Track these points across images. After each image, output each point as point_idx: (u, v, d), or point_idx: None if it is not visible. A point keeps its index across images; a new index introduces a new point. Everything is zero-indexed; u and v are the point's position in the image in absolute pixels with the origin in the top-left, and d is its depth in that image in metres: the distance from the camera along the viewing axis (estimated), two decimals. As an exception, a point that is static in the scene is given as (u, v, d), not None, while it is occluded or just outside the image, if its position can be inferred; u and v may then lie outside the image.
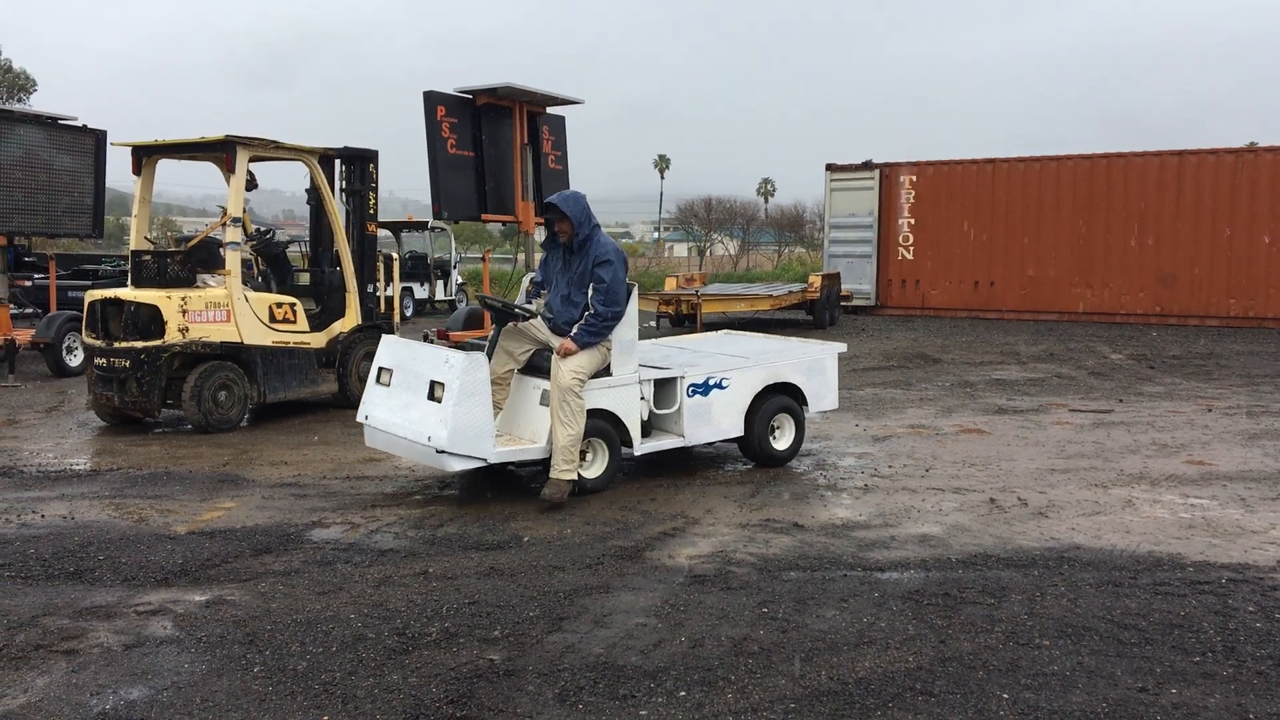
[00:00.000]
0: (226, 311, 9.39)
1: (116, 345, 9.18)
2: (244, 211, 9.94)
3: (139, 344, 9.07)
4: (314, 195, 10.92)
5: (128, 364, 9.09)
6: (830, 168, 24.10)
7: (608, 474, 6.92)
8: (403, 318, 19.46)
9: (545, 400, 6.62)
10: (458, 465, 6.37)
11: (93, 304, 9.51)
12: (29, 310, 16.29)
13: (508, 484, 7.25)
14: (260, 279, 11.23)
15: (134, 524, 6.31)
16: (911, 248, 23.19)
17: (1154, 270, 20.67)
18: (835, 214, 24.15)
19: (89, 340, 9.53)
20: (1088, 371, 13.49)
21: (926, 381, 12.65)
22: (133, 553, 5.67)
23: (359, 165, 11.03)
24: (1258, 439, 8.79)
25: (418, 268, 23.89)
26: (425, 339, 8.01)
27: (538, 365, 6.82)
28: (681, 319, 18.66)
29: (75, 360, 13.28)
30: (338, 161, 11.04)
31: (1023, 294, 21.92)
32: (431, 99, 12.44)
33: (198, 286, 9.54)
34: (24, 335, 13.49)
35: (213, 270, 9.73)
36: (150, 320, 9.12)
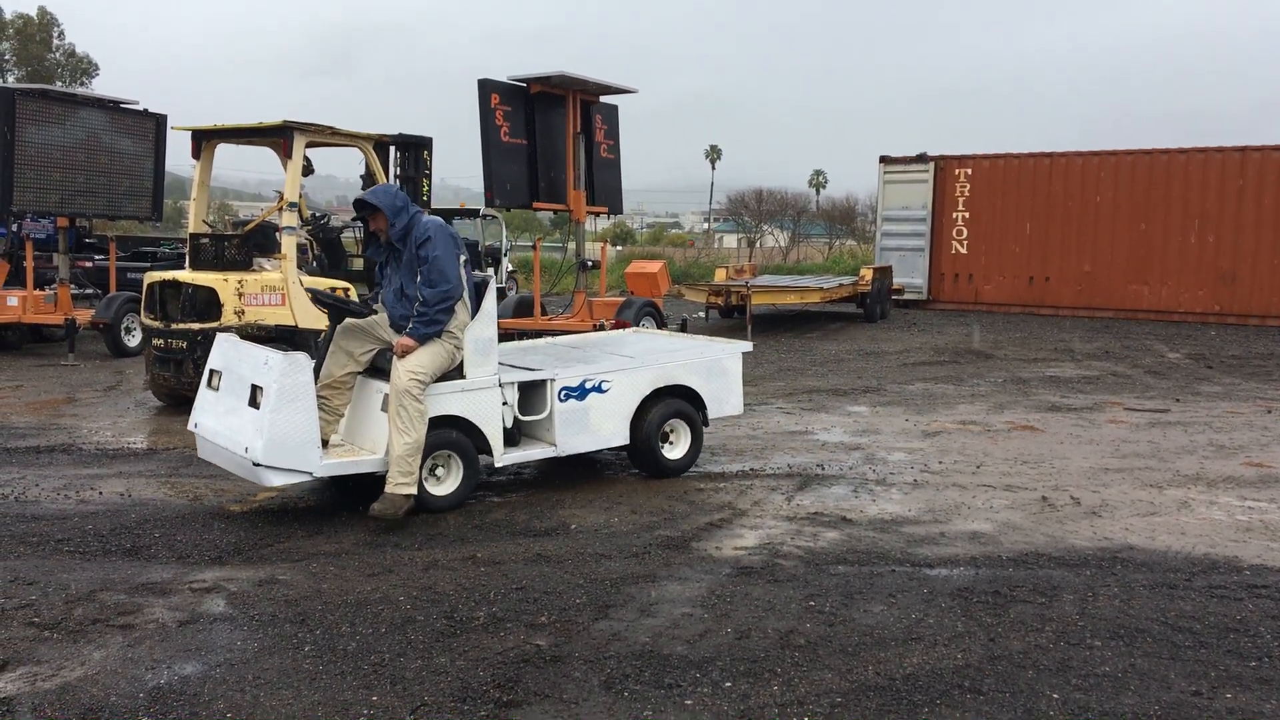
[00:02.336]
0: (282, 295, 9.51)
1: (174, 327, 9.33)
2: (300, 197, 10.05)
3: (196, 326, 9.21)
4: (369, 181, 11.01)
5: (185, 345, 9.24)
6: (884, 160, 23.87)
7: (462, 490, 6.22)
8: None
9: (387, 405, 5.96)
10: (278, 480, 5.71)
11: (151, 285, 9.68)
12: (89, 291, 16.60)
13: (533, 474, 7.28)
14: (315, 263, 11.36)
15: (189, 502, 6.42)
16: (965, 242, 22.93)
17: (1214, 268, 20.27)
18: (888, 206, 23.93)
19: (147, 321, 9.70)
20: (1144, 370, 13.27)
21: (978, 377, 12.52)
22: (188, 531, 5.77)
23: (413, 152, 11.12)
24: (1319, 442, 8.60)
25: (469, 255, 24.01)
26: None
27: (382, 367, 6.16)
28: (731, 310, 18.59)
29: (133, 341, 13.51)
30: (393, 148, 11.14)
31: (1078, 290, 21.59)
32: (485, 87, 12.49)
33: (254, 270, 9.67)
34: (84, 315, 13.76)
35: (269, 254, 9.85)
36: (207, 302, 9.27)
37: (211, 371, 6.32)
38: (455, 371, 6.23)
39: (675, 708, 3.67)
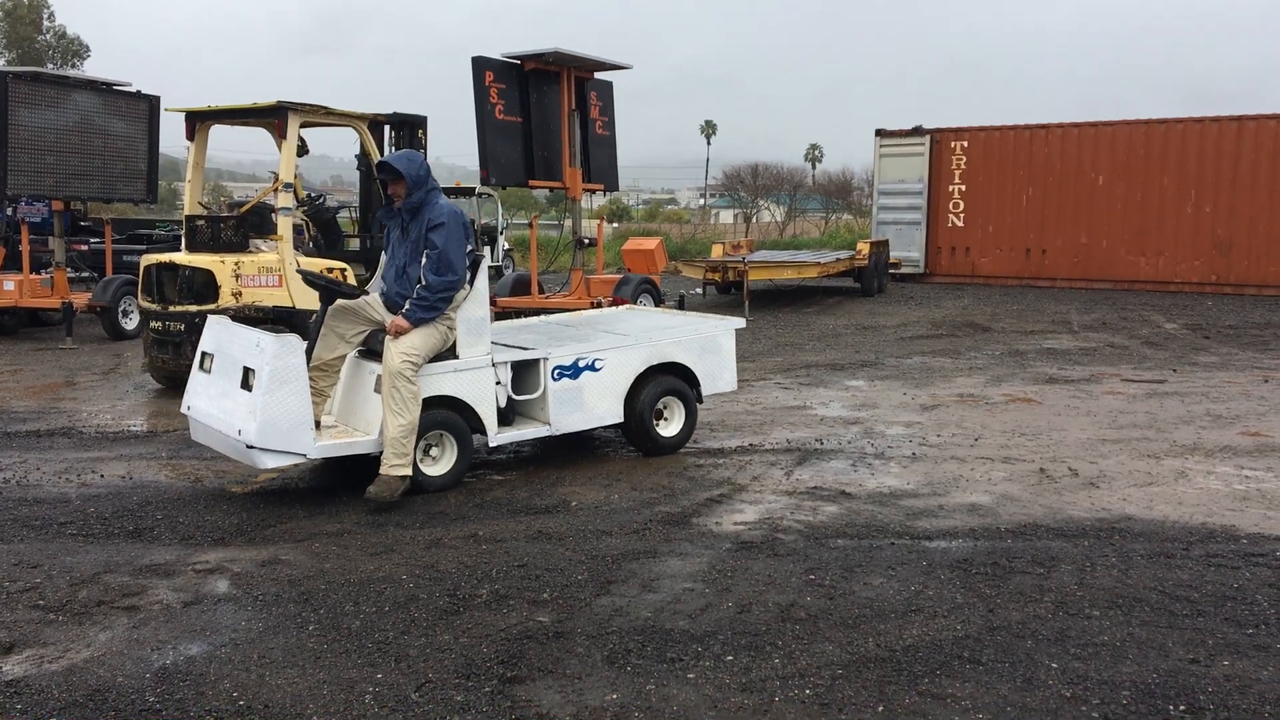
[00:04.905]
0: (279, 276, 9.50)
1: (171, 309, 9.33)
2: (295, 177, 10.02)
3: (193, 308, 9.21)
4: (364, 161, 10.99)
5: (183, 327, 9.24)
6: (880, 133, 23.82)
7: (457, 470, 6.24)
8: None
9: (380, 387, 5.94)
10: (271, 462, 5.72)
11: (148, 268, 9.67)
12: (85, 274, 16.58)
13: (534, 452, 7.31)
14: (311, 244, 11.34)
15: (191, 484, 6.44)
16: (962, 215, 22.91)
17: (1210, 238, 20.27)
18: (884, 180, 23.89)
19: (144, 304, 9.70)
20: (1141, 341, 13.30)
21: (976, 350, 12.54)
22: (190, 512, 5.79)
23: (408, 130, 11.08)
24: (1316, 411, 8.63)
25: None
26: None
27: (375, 348, 6.14)
28: (728, 286, 18.59)
29: (131, 323, 13.51)
30: (387, 127, 11.10)
31: (1075, 262, 21.60)
32: (479, 65, 12.45)
33: (250, 251, 9.66)
34: (81, 299, 13.75)
35: (265, 235, 9.84)
36: (204, 284, 9.26)
37: (203, 354, 6.29)
38: (448, 352, 6.22)
39: (678, 681, 3.71)
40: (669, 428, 7.16)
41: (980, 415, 8.54)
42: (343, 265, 10.19)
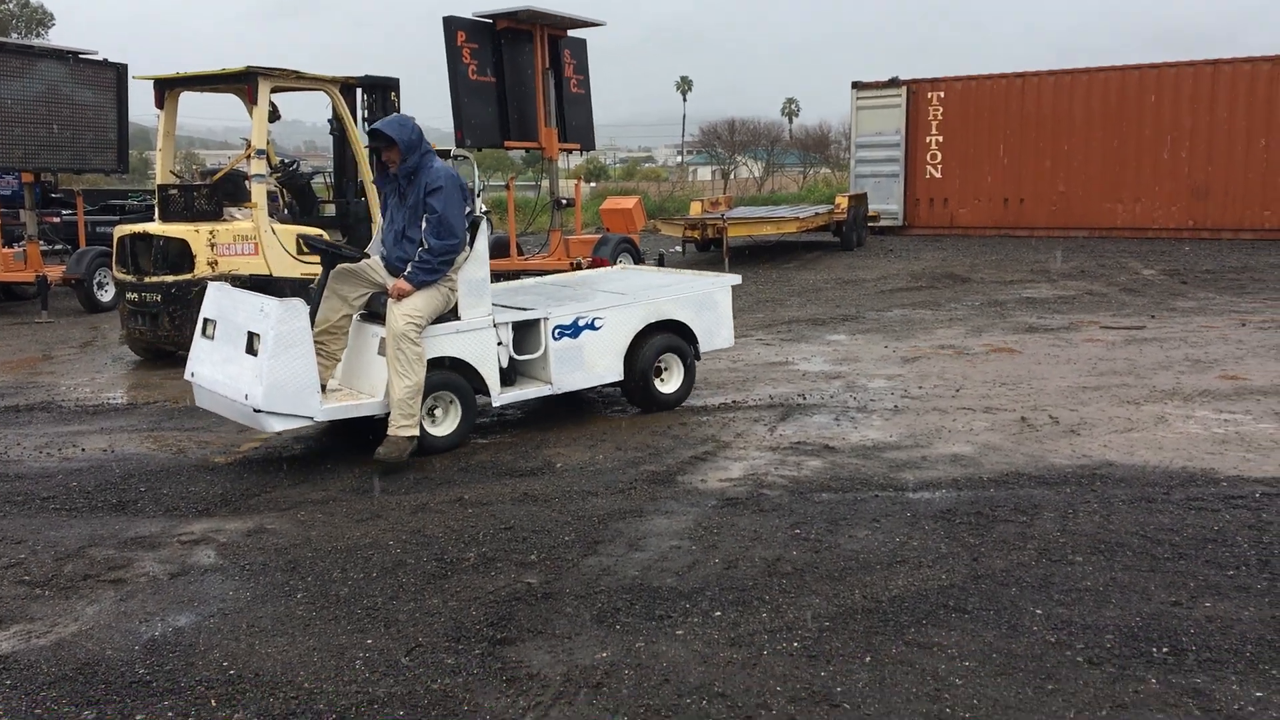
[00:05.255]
0: (254, 244, 9.42)
1: (147, 280, 9.24)
2: (268, 143, 9.91)
3: (169, 278, 9.13)
4: (336, 125, 10.88)
5: (159, 298, 9.16)
6: (856, 85, 23.70)
7: (461, 430, 6.32)
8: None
9: (384, 349, 5.99)
10: (279, 425, 5.77)
11: (122, 239, 9.56)
12: (59, 247, 16.39)
13: (518, 414, 7.30)
14: (286, 211, 11.23)
15: (173, 456, 6.41)
16: (939, 166, 22.87)
17: (1187, 184, 20.31)
18: (862, 133, 23.80)
19: (119, 275, 9.60)
20: (1119, 288, 13.36)
21: (956, 301, 12.57)
22: (173, 484, 5.77)
23: (380, 94, 10.96)
24: (1293, 353, 8.70)
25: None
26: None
27: (377, 311, 6.17)
28: (708, 244, 18.54)
29: (107, 296, 13.39)
30: (359, 91, 10.98)
31: (1053, 210, 21.62)
32: (451, 24, 12.31)
33: (225, 220, 9.56)
34: (55, 272, 13.61)
35: (239, 203, 9.74)
36: (179, 254, 9.17)
37: (205, 320, 6.31)
38: (450, 313, 6.26)
39: (667, 638, 3.73)
40: (668, 385, 7.24)
41: (961, 366, 8.57)
42: (319, 232, 10.11)
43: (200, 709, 3.33)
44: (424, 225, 6.07)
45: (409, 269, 6.03)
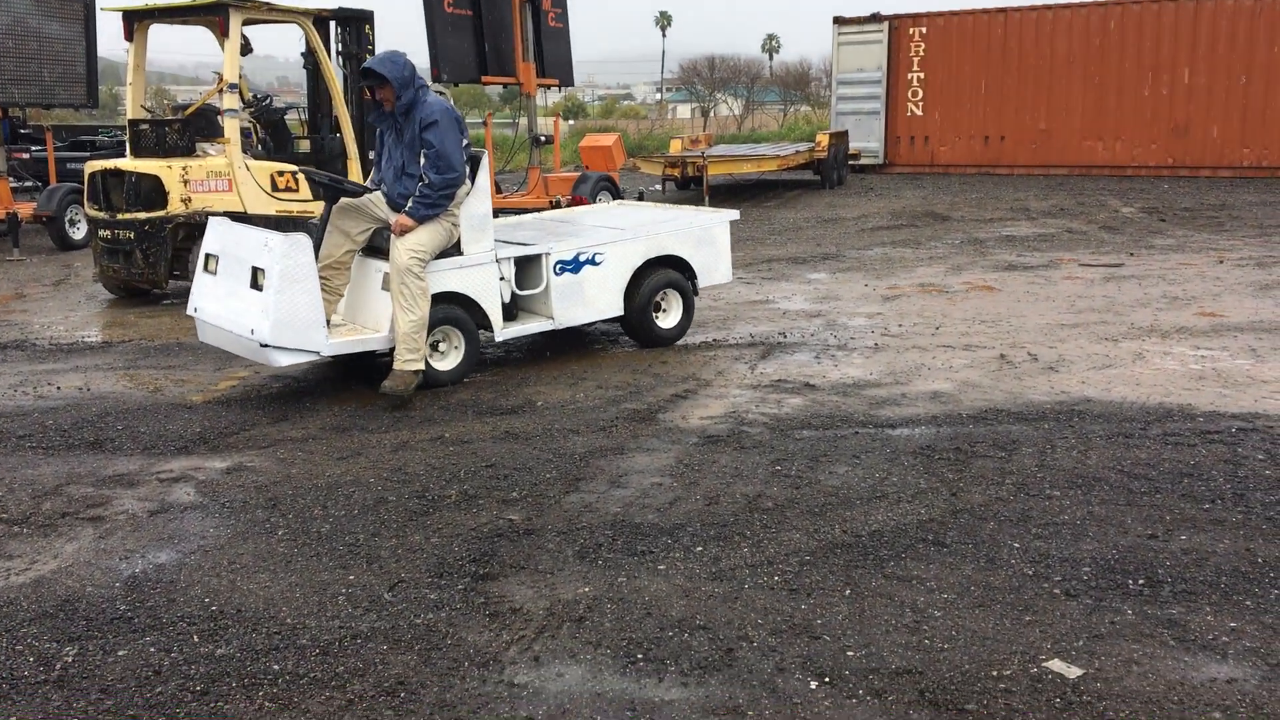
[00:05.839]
0: (228, 181, 9.28)
1: (120, 217, 9.10)
2: (240, 78, 9.73)
3: (142, 215, 8.99)
4: (310, 60, 10.68)
5: (132, 235, 9.03)
6: (838, 21, 23.43)
7: (465, 365, 6.38)
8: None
9: (388, 284, 6.01)
10: (285, 360, 5.82)
11: (93, 175, 9.40)
12: (29, 183, 16.12)
13: (499, 353, 7.28)
14: (260, 147, 11.06)
15: (150, 394, 6.36)
16: (921, 103, 22.71)
17: (1167, 121, 20.26)
18: (843, 70, 23.57)
19: (92, 212, 9.46)
20: (1099, 226, 13.37)
21: (936, 240, 12.56)
22: (150, 422, 5.73)
23: (354, 27, 10.75)
24: (1269, 289, 8.75)
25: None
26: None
27: (379, 246, 6.19)
28: (687, 182, 18.41)
29: (79, 233, 13.19)
30: (333, 24, 10.76)
31: (1034, 148, 21.55)
32: (427, -45, 12.05)
33: (198, 156, 9.40)
34: (26, 209, 13.38)
35: (211, 139, 9.58)
36: (152, 191, 9.02)
37: (207, 255, 6.29)
38: (453, 248, 6.26)
39: (649, 573, 3.75)
40: (667, 319, 7.29)
41: (941, 304, 8.58)
42: (294, 169, 9.97)
43: (183, 644, 3.33)
44: (422, 160, 6.03)
45: (410, 204, 6.02)
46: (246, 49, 9.80)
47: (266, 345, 5.69)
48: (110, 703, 3.03)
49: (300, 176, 9.91)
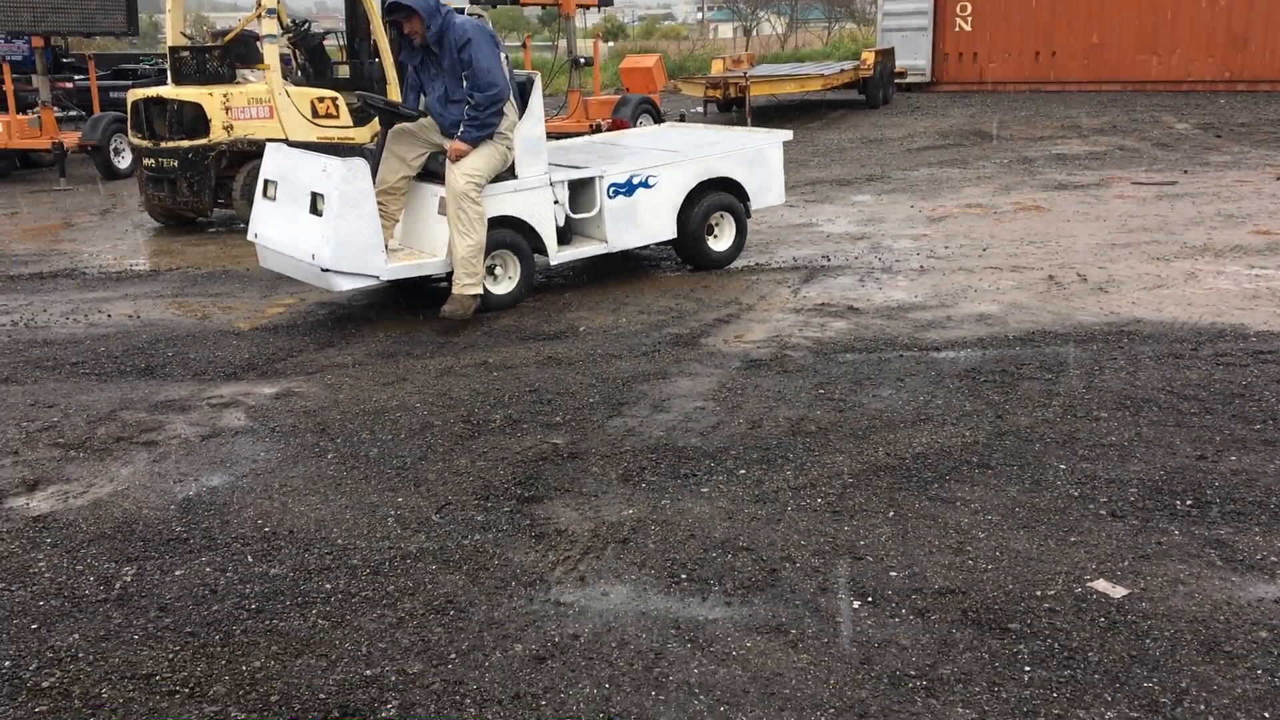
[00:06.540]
0: (269, 108, 9.27)
1: (163, 145, 9.14)
2: (278, 2, 9.67)
3: (185, 143, 9.03)
4: (347, -17, 10.58)
5: (176, 164, 9.07)
6: (883, -66, 22.80)
7: (520, 288, 6.42)
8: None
9: (444, 209, 6.03)
10: (346, 285, 5.90)
11: (136, 103, 9.43)
12: (73, 113, 16.21)
13: (540, 279, 7.27)
14: (299, 73, 11.02)
15: (198, 321, 6.45)
16: (969, 19, 22.13)
17: (1225, 33, 19.61)
18: (889, -15, 22.99)
19: (135, 141, 9.51)
20: (1152, 143, 13.04)
21: (984, 159, 12.32)
22: (200, 349, 5.82)
23: (392, -52, 10.62)
24: (1328, 208, 8.52)
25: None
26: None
27: (435, 171, 6.18)
28: (729, 103, 18.13)
29: (124, 162, 13.28)
30: (369, -55, 10.63)
31: (1086, 64, 20.97)
32: (463, -127, 11.83)
33: (238, 83, 9.40)
34: (71, 138, 13.47)
35: (251, 65, 9.56)
36: (195, 118, 9.05)
37: (266, 182, 6.34)
38: (507, 172, 6.25)
39: (692, 495, 3.77)
40: (720, 243, 7.25)
41: (988, 225, 8.45)
42: (334, 94, 9.94)
43: (238, 563, 3.41)
44: (464, 83, 6.00)
45: (462, 128, 6.00)
46: (284, -27, 9.72)
47: (327, 270, 5.77)
48: (169, 620, 3.11)
49: (340, 102, 9.89)
